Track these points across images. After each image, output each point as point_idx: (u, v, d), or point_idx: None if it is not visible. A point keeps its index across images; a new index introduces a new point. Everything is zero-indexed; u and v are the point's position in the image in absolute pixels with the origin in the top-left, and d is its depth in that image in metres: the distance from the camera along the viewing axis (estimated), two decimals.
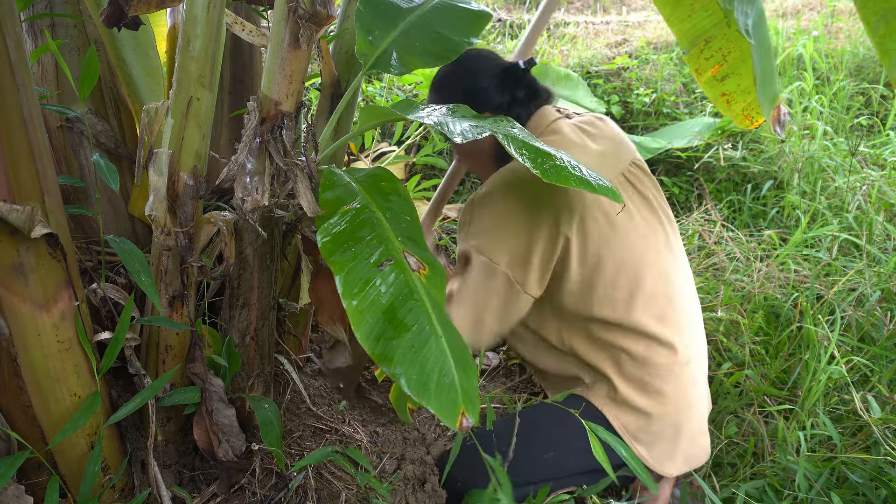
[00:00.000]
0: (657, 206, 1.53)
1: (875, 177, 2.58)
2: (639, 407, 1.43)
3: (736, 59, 1.71)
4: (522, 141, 1.06)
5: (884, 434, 1.49)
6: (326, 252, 1.06)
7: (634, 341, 1.43)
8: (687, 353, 1.46)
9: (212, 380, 1.30)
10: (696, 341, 1.52)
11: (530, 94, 1.57)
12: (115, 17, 1.04)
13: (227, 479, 1.36)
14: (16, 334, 1.05)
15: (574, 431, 1.47)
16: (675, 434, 1.45)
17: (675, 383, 1.43)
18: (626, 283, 1.42)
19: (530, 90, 1.57)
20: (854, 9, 4.37)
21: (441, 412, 0.95)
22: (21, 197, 1.00)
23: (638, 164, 1.56)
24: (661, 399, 1.43)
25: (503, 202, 1.42)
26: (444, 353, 1.00)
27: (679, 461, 1.45)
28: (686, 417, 1.45)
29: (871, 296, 1.95)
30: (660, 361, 1.42)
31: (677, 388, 1.44)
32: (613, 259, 1.42)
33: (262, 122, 1.16)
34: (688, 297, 1.53)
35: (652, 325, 1.42)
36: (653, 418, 1.43)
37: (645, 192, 1.52)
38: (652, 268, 1.45)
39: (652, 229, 1.49)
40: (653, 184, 1.57)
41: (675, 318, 1.46)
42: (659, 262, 1.47)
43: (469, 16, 1.56)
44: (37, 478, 1.16)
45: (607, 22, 5.07)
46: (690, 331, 1.50)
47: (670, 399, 1.43)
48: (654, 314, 1.43)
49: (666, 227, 1.53)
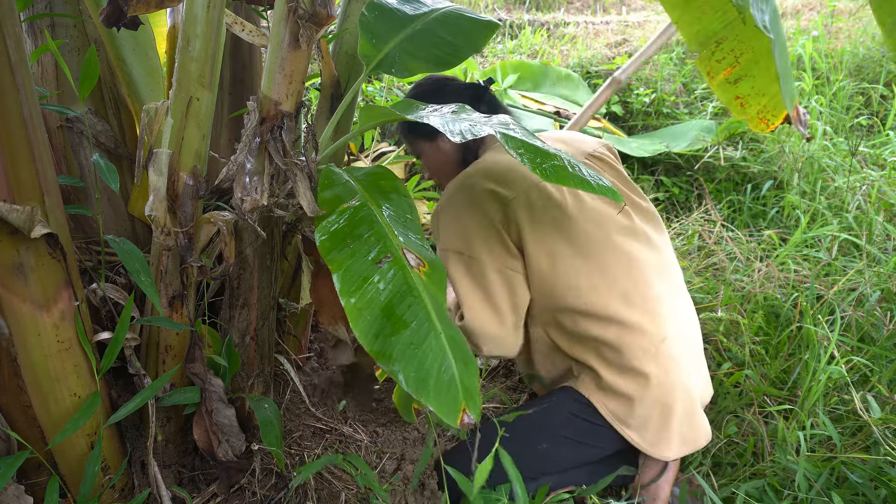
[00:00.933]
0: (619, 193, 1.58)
1: (875, 177, 2.58)
2: (622, 391, 1.44)
3: (748, 61, 1.69)
4: (521, 140, 1.05)
5: (883, 434, 1.49)
6: (324, 250, 1.06)
7: (605, 327, 1.45)
8: (660, 331, 1.47)
9: (212, 380, 1.30)
10: (671, 319, 1.51)
11: (491, 111, 1.66)
12: (115, 17, 1.04)
13: (227, 479, 1.36)
14: (16, 334, 1.05)
15: (565, 422, 1.47)
16: (664, 415, 1.44)
17: (653, 363, 1.44)
18: (586, 268, 1.46)
19: (491, 107, 1.69)
20: (854, 9, 4.38)
21: (441, 410, 0.94)
22: (21, 197, 1.00)
23: (597, 156, 1.65)
24: (642, 381, 1.43)
25: (460, 203, 1.51)
26: (444, 349, 0.99)
27: (675, 443, 1.45)
28: (672, 397, 1.44)
29: (871, 296, 1.95)
30: (632, 343, 1.44)
31: (657, 367, 1.44)
32: (569, 246, 1.47)
33: (262, 122, 1.16)
34: (655, 277, 1.53)
35: (618, 309, 1.45)
36: (636, 401, 1.44)
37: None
38: (611, 252, 1.49)
39: (608, 214, 1.52)
40: (615, 173, 1.65)
41: (642, 298, 1.48)
42: (619, 245, 1.51)
43: (476, 25, 1.60)
44: (37, 478, 1.16)
45: (607, 22, 5.07)
46: (662, 309, 1.50)
47: (651, 379, 1.43)
48: (619, 297, 1.46)
49: (628, 212, 1.58)
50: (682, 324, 1.56)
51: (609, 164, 1.65)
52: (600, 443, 1.48)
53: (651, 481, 1.50)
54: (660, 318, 1.49)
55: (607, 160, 1.66)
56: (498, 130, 1.06)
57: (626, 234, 1.54)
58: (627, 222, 1.56)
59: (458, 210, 1.51)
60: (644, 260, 1.53)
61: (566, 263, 1.47)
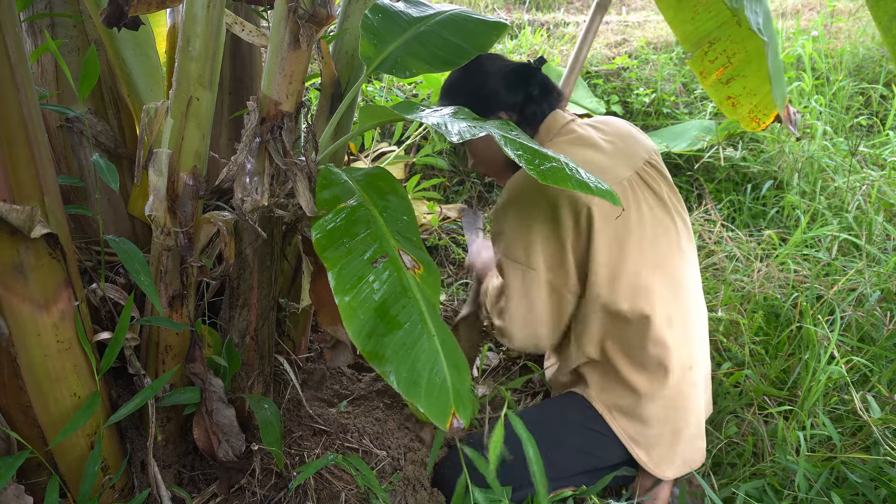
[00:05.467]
0: (671, 206, 1.51)
1: (875, 177, 2.58)
2: (637, 410, 1.43)
3: (741, 61, 1.70)
4: (520, 143, 1.06)
5: (883, 434, 1.49)
6: (320, 248, 1.06)
7: (641, 342, 1.42)
8: (690, 357, 1.46)
9: (212, 380, 1.30)
10: (700, 345, 1.51)
11: (543, 92, 1.56)
12: (115, 17, 1.04)
13: (226, 479, 1.36)
14: (16, 334, 1.05)
15: (573, 432, 1.47)
16: (673, 438, 1.45)
17: (676, 388, 1.43)
18: (636, 283, 1.42)
19: (543, 88, 1.56)
20: (853, 9, 4.37)
21: (430, 412, 0.94)
22: (21, 197, 1.00)
23: (652, 164, 1.54)
24: (662, 403, 1.42)
25: (525, 206, 1.43)
26: (437, 351, 0.99)
27: (677, 464, 1.46)
28: (685, 422, 1.45)
29: (871, 296, 1.95)
30: (664, 364, 1.42)
31: (678, 392, 1.44)
32: (632, 256, 1.41)
33: (262, 122, 1.16)
34: (694, 301, 1.52)
35: (659, 328, 1.41)
36: (652, 422, 1.43)
37: (659, 192, 1.50)
38: (661, 269, 1.44)
39: (664, 229, 1.47)
40: (667, 183, 1.56)
41: (682, 321, 1.46)
42: (669, 264, 1.46)
43: (483, 26, 1.55)
44: (37, 478, 1.16)
45: (607, 22, 5.06)
46: (695, 335, 1.49)
47: (670, 403, 1.43)
48: (662, 316, 1.42)
49: (679, 228, 1.51)
50: (705, 350, 1.55)
51: (662, 174, 1.56)
52: (606, 454, 1.48)
53: (652, 485, 1.50)
54: (692, 343, 1.47)
55: (659, 168, 1.57)
56: (497, 132, 1.06)
57: (676, 252, 1.49)
58: (676, 238, 1.50)
59: (522, 212, 1.44)
60: (687, 280, 1.50)
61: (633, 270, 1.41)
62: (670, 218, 1.50)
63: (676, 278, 1.47)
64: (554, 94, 1.58)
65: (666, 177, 1.56)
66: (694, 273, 1.54)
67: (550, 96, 1.57)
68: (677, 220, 1.51)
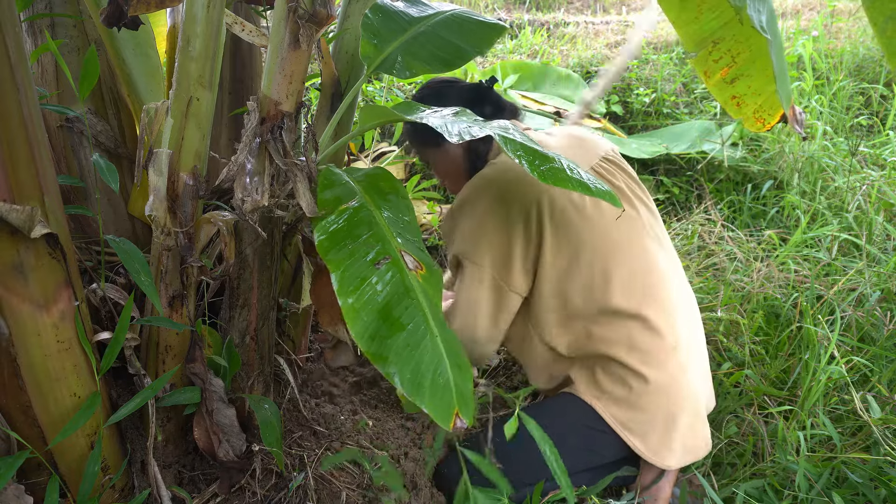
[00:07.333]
0: (631, 195, 1.59)
1: (875, 177, 2.58)
2: (625, 396, 1.44)
3: (745, 60, 1.69)
4: (520, 143, 1.06)
5: (883, 434, 1.49)
6: (323, 250, 1.06)
7: (615, 328, 1.45)
8: (673, 337, 1.47)
9: (212, 380, 1.30)
10: (684, 327, 1.52)
11: (496, 110, 1.66)
12: (115, 16, 1.04)
13: (227, 480, 1.36)
14: (16, 334, 1.05)
15: (569, 429, 1.47)
16: (668, 423, 1.44)
17: (660, 369, 1.44)
18: (602, 269, 1.46)
19: (496, 107, 1.67)
20: (854, 9, 4.38)
21: (434, 412, 0.95)
22: (21, 197, 1.00)
23: (609, 159, 1.63)
24: (647, 386, 1.43)
25: (478, 206, 1.51)
26: (440, 352, 1.00)
27: (678, 452, 1.45)
28: (678, 406, 1.45)
29: (871, 296, 1.95)
30: (643, 347, 1.44)
31: (664, 374, 1.44)
32: (588, 247, 1.47)
33: (262, 122, 1.16)
34: (673, 283, 1.54)
35: (632, 309, 1.44)
36: (640, 406, 1.44)
37: (616, 183, 1.58)
38: (629, 254, 1.49)
39: (626, 216, 1.53)
40: (627, 175, 1.64)
41: (659, 301, 1.48)
42: (637, 247, 1.51)
43: (482, 27, 1.59)
44: (37, 478, 1.16)
45: (607, 22, 5.07)
46: (677, 316, 1.51)
47: (657, 386, 1.43)
48: (635, 299, 1.46)
49: (643, 215, 1.58)
50: (692, 333, 1.56)
51: (621, 168, 1.64)
52: (604, 450, 1.48)
53: (652, 482, 1.50)
54: (674, 324, 1.49)
55: (618, 162, 1.66)
56: (497, 133, 1.06)
57: (644, 236, 1.54)
58: (641, 224, 1.56)
59: (473, 212, 1.51)
60: (662, 265, 1.53)
61: (583, 264, 1.47)
62: (632, 206, 1.56)
63: (646, 265, 1.50)
64: (507, 110, 1.69)
65: (626, 170, 1.65)
66: (670, 258, 1.59)
67: (503, 113, 1.68)
68: (641, 209, 1.58)
